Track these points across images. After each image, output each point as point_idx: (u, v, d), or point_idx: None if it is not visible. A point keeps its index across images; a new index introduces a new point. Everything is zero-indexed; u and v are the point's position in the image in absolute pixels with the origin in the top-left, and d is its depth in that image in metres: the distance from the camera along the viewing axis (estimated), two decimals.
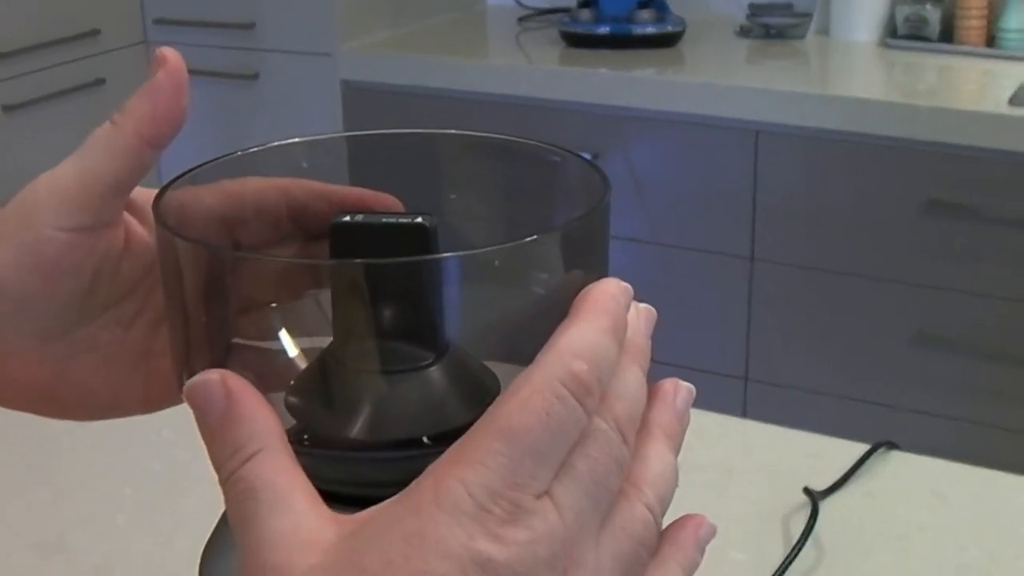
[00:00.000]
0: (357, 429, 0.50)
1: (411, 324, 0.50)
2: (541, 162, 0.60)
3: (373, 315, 0.50)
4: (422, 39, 2.97)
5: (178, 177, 0.55)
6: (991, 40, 2.65)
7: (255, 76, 2.94)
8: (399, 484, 0.47)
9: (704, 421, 1.23)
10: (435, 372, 0.51)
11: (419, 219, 0.51)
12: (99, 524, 1.08)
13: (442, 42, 2.97)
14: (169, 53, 0.56)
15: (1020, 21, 2.60)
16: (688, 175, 2.56)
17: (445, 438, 0.47)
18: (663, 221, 2.59)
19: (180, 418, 1.22)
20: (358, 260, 0.49)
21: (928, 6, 2.69)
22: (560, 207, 0.57)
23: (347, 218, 0.52)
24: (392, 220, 0.51)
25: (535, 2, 3.13)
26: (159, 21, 3.02)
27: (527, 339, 0.50)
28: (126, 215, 0.57)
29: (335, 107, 2.85)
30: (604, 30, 2.79)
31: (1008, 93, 2.32)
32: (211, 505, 0.56)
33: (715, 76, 2.59)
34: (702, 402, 1.24)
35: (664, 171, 2.57)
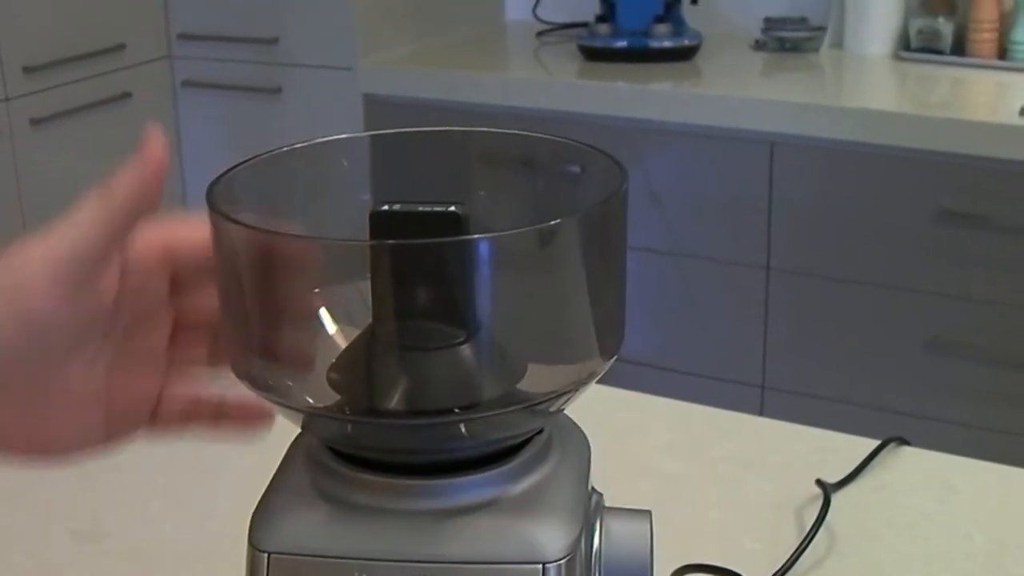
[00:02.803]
0: (394, 401, 0.54)
1: (445, 304, 0.54)
2: (562, 156, 0.63)
3: (409, 295, 0.53)
4: (442, 53, 3.01)
5: (228, 171, 0.59)
6: (1003, 53, 2.68)
7: (278, 90, 2.98)
8: (433, 451, 0.51)
9: (720, 418, 1.27)
10: (466, 350, 0.55)
11: (452, 208, 0.55)
12: (133, 511, 1.11)
13: (462, 56, 3.01)
14: (156, 133, 0.60)
15: None
16: (704, 186, 2.59)
17: (474, 409, 0.51)
18: (680, 231, 2.63)
19: None
20: (395, 240, 0.53)
21: (941, 19, 2.72)
22: (581, 197, 0.61)
23: (385, 207, 0.55)
24: (427, 209, 0.55)
25: (553, 17, 3.17)
26: (184, 36, 3.06)
27: (551, 319, 0.54)
28: None
29: (356, 120, 2.89)
30: (622, 44, 2.82)
31: (1019, 104, 2.34)
32: (243, 491, 0.60)
33: (731, 88, 2.62)
34: (719, 405, 1.27)
35: (681, 182, 2.61)
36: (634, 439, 1.20)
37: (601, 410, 0.64)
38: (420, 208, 0.55)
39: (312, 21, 2.92)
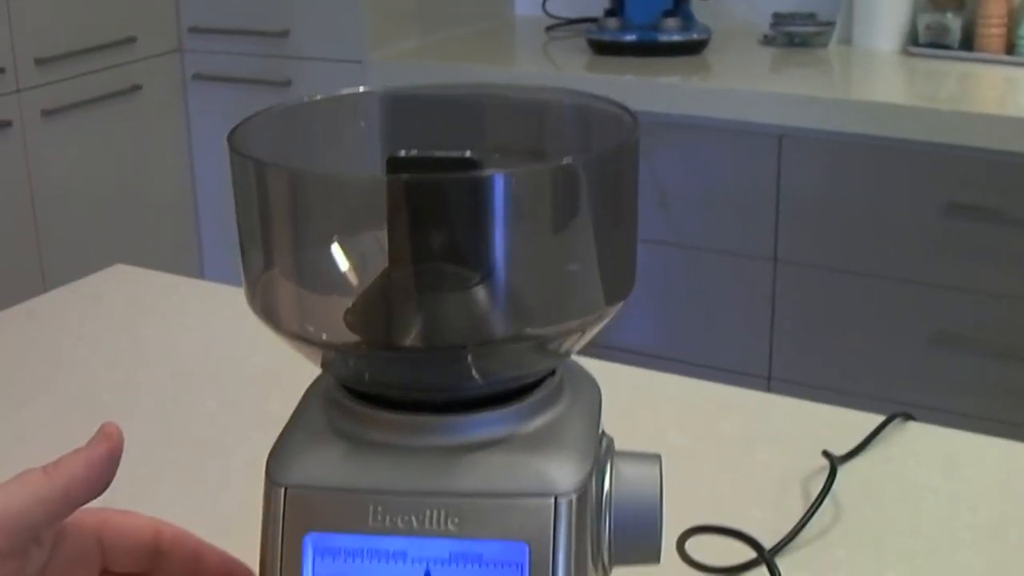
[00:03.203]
0: (409, 336, 0.55)
1: (459, 242, 0.55)
2: (574, 108, 0.65)
3: (424, 233, 0.55)
4: (450, 48, 3.02)
5: (247, 120, 0.60)
6: (1011, 48, 2.69)
7: (288, 83, 2.99)
8: (446, 388, 0.52)
9: (728, 394, 1.28)
10: (479, 288, 0.56)
11: (467, 153, 0.56)
12: (147, 486, 1.12)
13: (470, 50, 3.02)
14: (114, 431, 0.62)
15: None
16: (713, 179, 2.60)
17: (485, 345, 0.52)
18: (688, 224, 2.64)
19: (225, 390, 1.28)
20: (409, 175, 0.54)
21: (949, 15, 2.73)
22: (594, 145, 0.62)
23: (402, 152, 0.57)
24: (442, 154, 0.56)
25: (562, 12, 3.19)
26: (194, 29, 3.08)
27: (562, 260, 0.55)
28: None
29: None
30: (631, 38, 2.84)
31: None
32: (256, 467, 0.61)
33: (739, 82, 2.63)
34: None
35: (689, 175, 2.62)
36: (642, 414, 1.21)
37: (609, 386, 0.65)
38: (435, 153, 0.56)
39: (322, 15, 2.93)
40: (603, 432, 0.63)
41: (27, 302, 1.51)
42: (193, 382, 1.31)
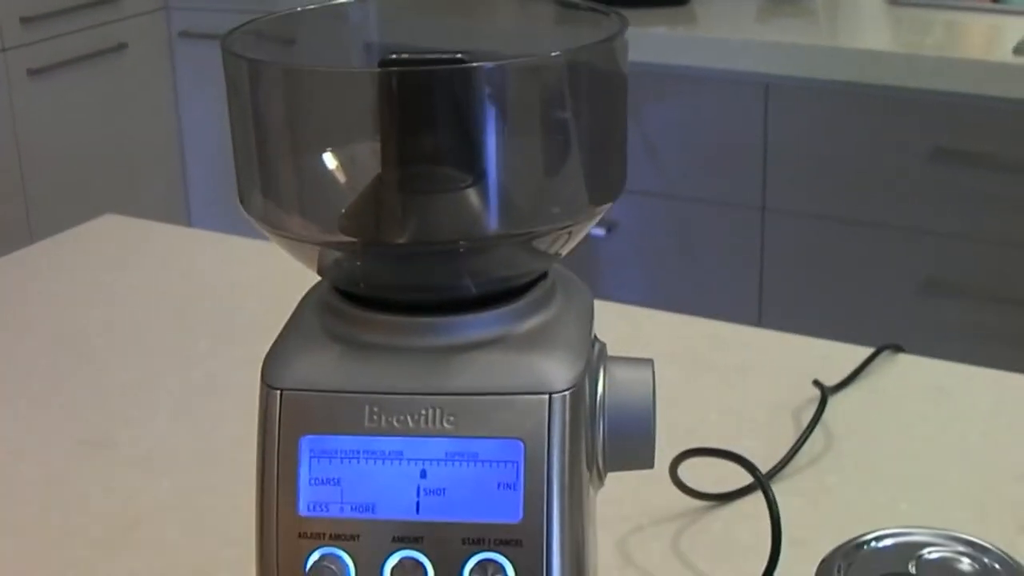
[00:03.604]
0: (403, 236, 0.56)
1: (449, 135, 0.55)
2: (564, 15, 0.65)
3: (415, 127, 0.55)
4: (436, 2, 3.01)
5: (242, 25, 0.60)
6: None
7: None
8: (438, 287, 0.53)
9: (719, 329, 1.28)
10: (470, 189, 0.56)
11: (459, 54, 0.57)
12: (142, 423, 1.13)
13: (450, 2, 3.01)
14: None
15: None
16: (700, 129, 2.60)
17: (476, 246, 0.53)
18: (676, 174, 2.64)
19: (218, 331, 1.29)
20: (398, 68, 0.55)
21: None
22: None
23: (393, 55, 0.57)
24: (434, 54, 0.57)
25: None
26: None
27: (552, 155, 0.55)
28: None
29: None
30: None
31: (1013, 44, 2.36)
32: (248, 405, 0.62)
33: (726, 31, 2.63)
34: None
35: (677, 125, 2.62)
36: (634, 350, 1.21)
37: (601, 324, 0.66)
38: (427, 55, 0.56)
39: None
40: (595, 337, 0.64)
41: (17, 252, 1.51)
42: (184, 324, 1.31)
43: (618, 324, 1.25)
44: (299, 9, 0.63)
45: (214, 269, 1.45)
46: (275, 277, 1.36)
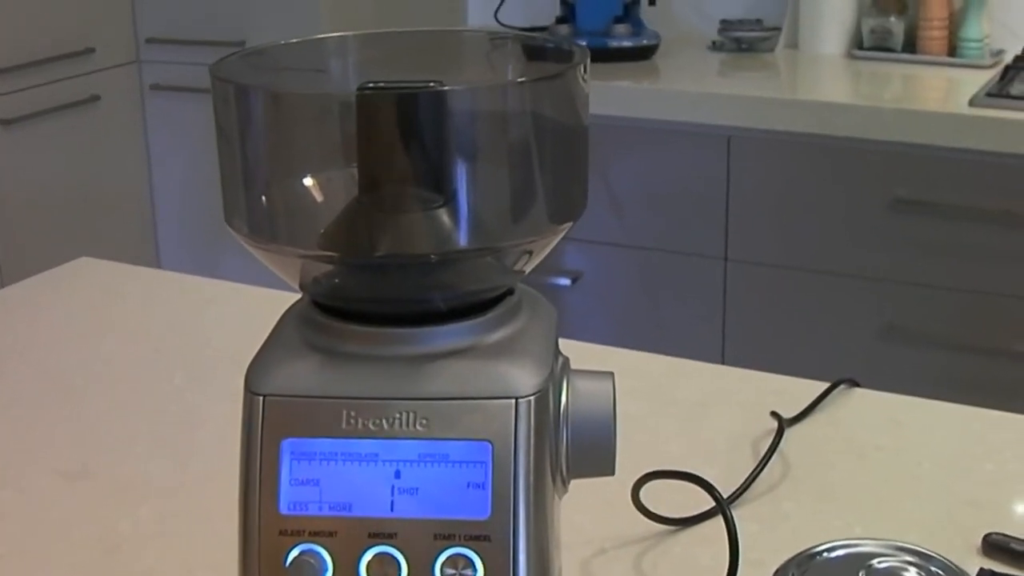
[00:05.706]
0: (378, 250, 0.60)
1: (421, 157, 0.59)
2: (529, 49, 0.69)
3: (389, 147, 0.59)
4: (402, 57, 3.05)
5: (225, 58, 0.64)
6: (952, 50, 2.75)
7: None
8: (412, 300, 0.57)
9: (682, 366, 1.32)
10: (441, 209, 0.60)
11: (431, 83, 0.61)
12: (120, 454, 1.16)
13: (422, 60, 3.05)
14: None
15: (979, 32, 2.71)
16: (663, 181, 2.65)
17: (445, 260, 0.57)
18: (640, 225, 2.68)
19: (191, 366, 1.31)
20: (373, 89, 0.59)
21: (892, 18, 2.80)
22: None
23: (370, 84, 0.61)
24: (409, 82, 0.61)
25: (515, 20, 3.23)
26: (151, 40, 3.10)
27: (519, 181, 0.59)
28: None
29: None
30: (582, 44, 2.88)
31: (968, 96, 2.41)
32: (224, 438, 0.65)
33: (689, 85, 2.69)
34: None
35: (640, 176, 2.66)
36: None
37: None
38: (402, 83, 0.60)
39: (278, 24, 2.97)
40: (559, 351, 0.68)
41: None
42: (160, 361, 1.34)
43: (583, 359, 1.28)
44: (282, 42, 0.67)
45: (187, 309, 1.48)
46: (244, 315, 1.39)
